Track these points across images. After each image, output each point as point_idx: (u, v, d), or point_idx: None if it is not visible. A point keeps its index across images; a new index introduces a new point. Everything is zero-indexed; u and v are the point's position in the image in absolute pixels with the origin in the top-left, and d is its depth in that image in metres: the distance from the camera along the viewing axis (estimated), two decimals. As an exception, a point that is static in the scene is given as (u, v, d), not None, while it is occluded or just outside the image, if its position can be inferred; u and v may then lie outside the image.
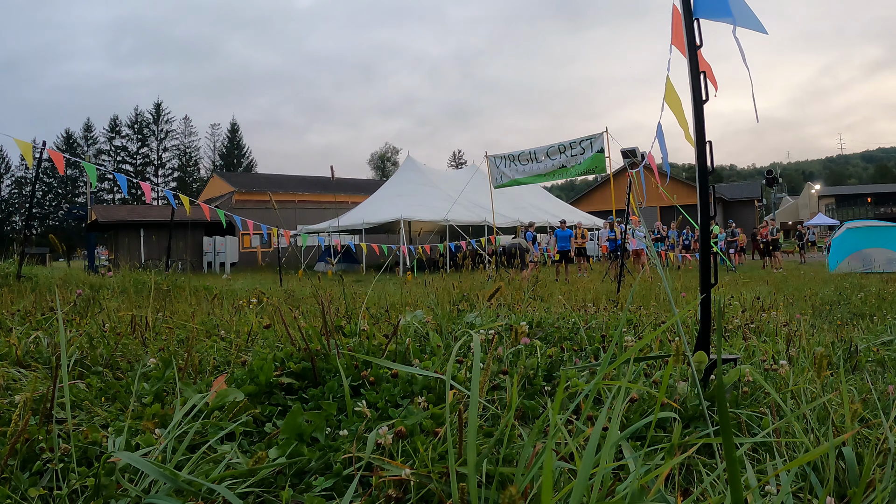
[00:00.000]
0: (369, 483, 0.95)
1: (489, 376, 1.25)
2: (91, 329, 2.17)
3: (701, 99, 1.50)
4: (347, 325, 1.97)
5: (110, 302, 3.27)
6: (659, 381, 1.56)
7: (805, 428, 1.24)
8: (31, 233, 21.39)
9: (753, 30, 1.59)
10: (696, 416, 1.27)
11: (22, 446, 0.97)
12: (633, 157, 9.70)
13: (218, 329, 2.43)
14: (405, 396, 1.33)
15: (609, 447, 0.79)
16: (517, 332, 1.89)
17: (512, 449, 1.03)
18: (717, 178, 74.23)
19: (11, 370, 1.52)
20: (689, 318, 2.41)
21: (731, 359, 1.55)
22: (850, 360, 2.10)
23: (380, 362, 1.24)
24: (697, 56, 1.50)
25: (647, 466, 0.96)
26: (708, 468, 1.11)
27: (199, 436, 1.11)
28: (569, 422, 1.22)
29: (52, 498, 0.91)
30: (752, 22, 1.58)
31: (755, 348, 2.11)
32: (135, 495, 0.88)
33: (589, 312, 3.04)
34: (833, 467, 0.96)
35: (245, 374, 1.39)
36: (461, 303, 3.35)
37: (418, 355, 1.64)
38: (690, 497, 0.90)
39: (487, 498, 0.85)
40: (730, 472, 0.60)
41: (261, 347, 1.89)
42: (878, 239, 11.63)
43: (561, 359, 1.81)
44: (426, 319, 2.25)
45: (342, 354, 1.44)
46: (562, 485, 0.93)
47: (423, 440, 1.05)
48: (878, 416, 1.33)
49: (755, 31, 1.60)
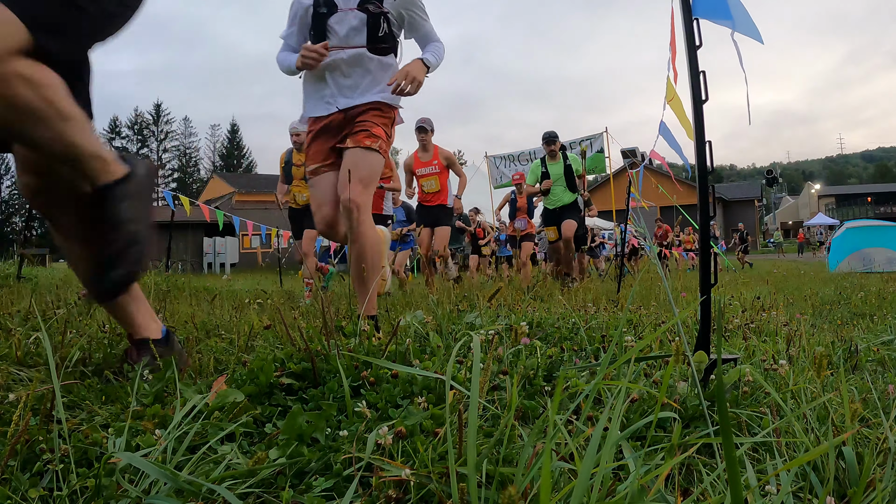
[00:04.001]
0: (369, 483, 0.95)
1: (489, 376, 1.25)
2: (91, 330, 2.17)
3: (700, 99, 1.50)
4: (348, 325, 1.97)
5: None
6: (659, 381, 1.56)
7: (805, 428, 1.24)
8: (31, 234, 21.40)
9: (750, 37, 1.59)
10: (696, 416, 1.28)
11: (22, 447, 0.97)
12: (633, 157, 9.70)
13: (218, 329, 2.44)
14: (405, 397, 1.34)
15: (609, 447, 0.79)
16: (517, 333, 1.89)
17: (512, 449, 1.03)
18: (717, 177, 74.10)
19: (12, 369, 1.52)
20: (689, 318, 2.41)
21: (731, 359, 1.55)
22: (851, 360, 2.10)
23: (380, 363, 1.24)
24: (696, 56, 1.50)
25: (647, 466, 0.96)
26: (708, 468, 1.11)
27: (199, 436, 1.11)
28: (569, 422, 1.22)
29: (53, 499, 0.91)
30: (751, 29, 1.58)
31: (755, 348, 2.11)
32: (135, 496, 0.88)
33: (589, 312, 3.04)
34: (833, 467, 0.96)
35: (245, 374, 1.40)
36: (461, 303, 3.36)
37: (418, 356, 1.64)
38: (690, 497, 0.90)
39: (487, 498, 0.85)
40: (730, 471, 0.60)
41: (261, 348, 1.89)
42: (878, 238, 11.63)
43: (561, 359, 1.81)
44: (426, 320, 2.26)
45: (342, 355, 1.44)
46: (562, 485, 0.93)
47: (423, 440, 1.05)
48: (878, 416, 1.33)
49: (752, 39, 1.60)
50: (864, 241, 11.69)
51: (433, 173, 6.31)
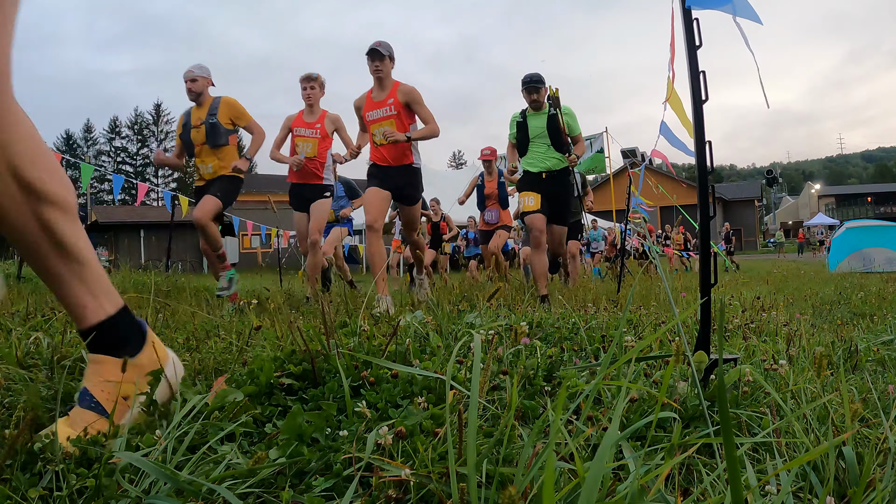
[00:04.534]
0: (369, 483, 0.95)
1: (489, 376, 1.25)
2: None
3: (700, 99, 1.50)
4: (348, 325, 1.97)
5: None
6: (659, 381, 1.56)
7: (805, 428, 1.24)
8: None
9: (750, 20, 1.57)
10: (696, 416, 1.27)
11: (22, 447, 0.97)
12: (634, 157, 9.69)
13: (218, 330, 2.44)
14: (405, 397, 1.33)
15: (609, 447, 0.79)
16: (517, 333, 1.89)
17: (512, 449, 1.03)
18: (717, 178, 74.19)
19: (11, 370, 1.52)
20: (690, 318, 2.41)
21: (731, 359, 1.55)
22: (850, 360, 2.10)
23: (380, 362, 1.24)
24: (696, 56, 1.50)
25: (647, 466, 0.96)
26: (708, 468, 1.11)
27: (199, 436, 1.11)
28: (569, 422, 1.22)
29: (53, 499, 0.91)
30: (749, 12, 1.56)
31: (755, 348, 2.11)
32: (135, 496, 0.88)
33: (589, 312, 3.04)
34: (833, 467, 0.96)
35: (245, 374, 1.40)
36: (461, 303, 3.35)
37: (418, 356, 1.64)
38: (690, 497, 0.90)
39: (487, 498, 0.85)
40: (730, 471, 0.60)
41: (261, 348, 1.89)
42: (878, 238, 11.64)
43: (561, 359, 1.81)
44: (426, 320, 2.25)
45: (342, 355, 1.44)
46: (561, 485, 0.93)
47: (423, 440, 1.05)
48: (878, 416, 1.33)
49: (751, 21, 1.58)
50: (864, 241, 11.70)
51: (388, 116, 4.32)
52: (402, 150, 4.34)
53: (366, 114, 4.42)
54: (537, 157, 4.85)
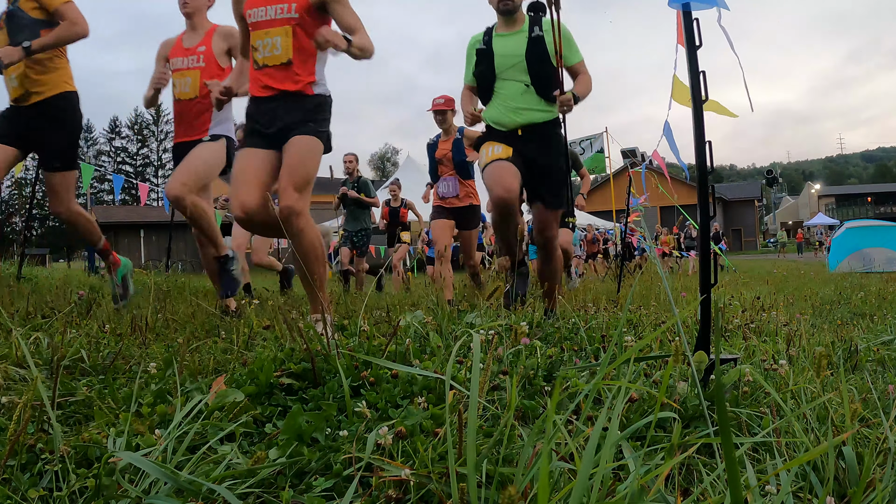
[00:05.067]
0: (369, 483, 0.95)
1: (489, 376, 1.25)
2: (91, 330, 2.17)
3: (700, 99, 1.50)
4: (348, 325, 1.97)
5: (111, 303, 3.27)
6: (659, 381, 1.56)
7: (805, 428, 1.24)
8: (31, 234, 21.41)
9: (719, 6, 1.55)
10: (696, 416, 1.27)
11: (21, 447, 0.97)
12: (633, 157, 9.69)
13: (218, 330, 2.44)
14: (405, 397, 1.34)
15: (609, 447, 0.79)
16: (517, 333, 1.89)
17: (512, 449, 1.03)
18: (717, 177, 74.19)
19: (11, 369, 1.52)
20: (689, 318, 2.41)
21: (730, 359, 1.55)
22: (850, 360, 2.10)
23: (380, 362, 1.24)
24: (696, 56, 1.50)
25: (647, 466, 0.96)
26: (708, 468, 1.11)
27: (199, 436, 1.11)
28: (569, 422, 1.22)
29: (53, 499, 0.91)
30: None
31: (755, 348, 2.11)
32: (135, 496, 0.88)
33: (589, 312, 3.04)
34: (833, 467, 0.96)
35: (245, 374, 1.40)
36: (461, 303, 3.35)
37: (418, 356, 1.64)
38: (690, 497, 0.90)
39: (487, 498, 0.85)
40: (729, 471, 0.60)
41: (261, 348, 1.89)
42: (878, 238, 11.64)
43: (561, 359, 1.81)
44: (426, 320, 2.25)
45: (342, 355, 1.44)
46: (561, 485, 0.93)
47: (422, 440, 1.05)
48: (878, 416, 1.33)
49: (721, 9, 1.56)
50: (864, 241, 11.70)
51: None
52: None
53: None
54: (509, 103, 2.96)
